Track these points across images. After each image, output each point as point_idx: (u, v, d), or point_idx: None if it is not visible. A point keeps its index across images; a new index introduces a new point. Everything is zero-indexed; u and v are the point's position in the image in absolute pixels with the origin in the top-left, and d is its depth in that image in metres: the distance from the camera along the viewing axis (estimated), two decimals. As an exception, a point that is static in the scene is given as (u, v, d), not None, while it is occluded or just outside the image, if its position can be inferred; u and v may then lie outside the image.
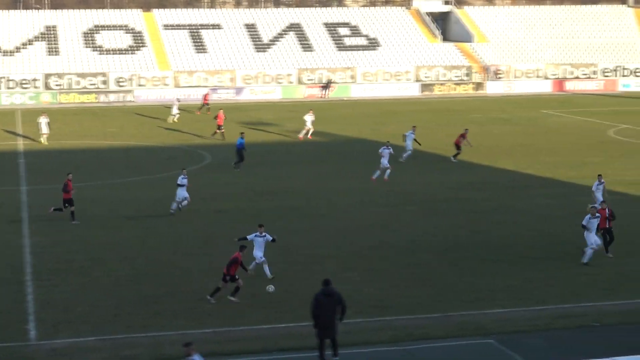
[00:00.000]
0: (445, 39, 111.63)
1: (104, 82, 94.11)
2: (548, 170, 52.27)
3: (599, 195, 41.18)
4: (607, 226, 34.46)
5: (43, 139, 63.81)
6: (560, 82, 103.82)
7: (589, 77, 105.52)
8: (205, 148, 61.39)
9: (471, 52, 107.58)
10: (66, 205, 40.47)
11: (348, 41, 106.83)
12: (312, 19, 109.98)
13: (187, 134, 68.02)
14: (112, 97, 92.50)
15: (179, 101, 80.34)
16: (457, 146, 56.35)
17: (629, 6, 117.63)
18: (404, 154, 55.58)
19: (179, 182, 41.74)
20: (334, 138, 66.62)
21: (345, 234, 37.90)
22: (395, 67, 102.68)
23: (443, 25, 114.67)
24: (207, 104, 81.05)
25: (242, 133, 56.29)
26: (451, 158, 55.87)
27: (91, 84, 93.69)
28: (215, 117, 66.27)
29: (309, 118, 65.44)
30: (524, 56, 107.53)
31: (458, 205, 43.11)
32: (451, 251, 34.74)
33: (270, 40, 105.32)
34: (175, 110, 76.17)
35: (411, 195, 45.88)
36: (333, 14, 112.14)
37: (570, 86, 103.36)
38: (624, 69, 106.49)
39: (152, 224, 40.09)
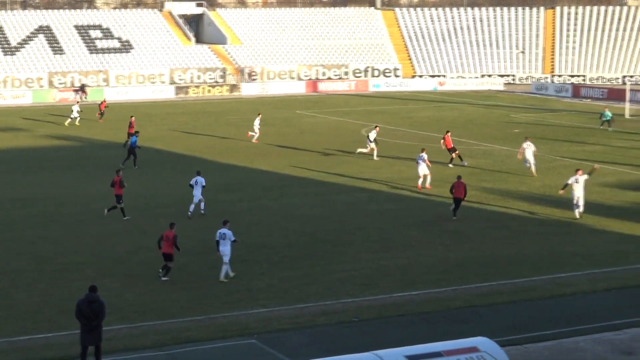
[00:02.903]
0: (199, 41, 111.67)
1: None
2: (304, 170, 52.96)
3: (529, 155, 50.77)
4: (462, 196, 40.08)
5: None
6: (313, 82, 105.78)
7: (341, 78, 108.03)
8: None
9: (225, 54, 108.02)
10: (121, 202, 40.65)
11: (100, 44, 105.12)
12: (62, 21, 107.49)
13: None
14: None
15: (79, 103, 78.91)
16: (451, 149, 54.20)
17: (376, 8, 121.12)
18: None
19: (202, 184, 41.32)
20: (89, 143, 65.26)
21: (102, 240, 37.13)
22: (149, 69, 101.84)
23: (196, 27, 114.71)
24: (103, 112, 78.06)
25: (136, 132, 56.19)
26: (463, 163, 53.70)
27: None
28: (129, 125, 62.93)
29: (257, 122, 64.35)
30: (277, 58, 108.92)
31: (210, 206, 42.83)
32: (209, 253, 34.49)
33: (19, 44, 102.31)
34: (75, 114, 74.22)
35: (167, 199, 45.40)
36: (84, 16, 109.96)
37: (323, 87, 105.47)
38: (374, 69, 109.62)
39: None
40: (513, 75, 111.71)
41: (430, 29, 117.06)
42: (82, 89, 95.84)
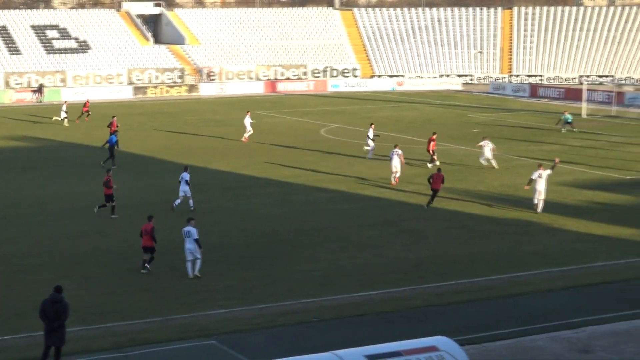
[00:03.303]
0: (157, 41, 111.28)
1: None
2: (264, 170, 52.88)
3: (488, 152, 53.06)
4: (438, 187, 42.29)
5: None
6: (272, 83, 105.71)
7: (300, 78, 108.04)
8: None
9: (183, 54, 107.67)
10: (109, 201, 41.34)
11: (57, 44, 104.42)
12: (19, 21, 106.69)
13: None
14: None
15: (66, 103, 78.35)
16: (431, 152, 54.21)
17: (335, 9, 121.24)
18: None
19: (185, 179, 42.46)
20: (46, 143, 64.79)
21: (59, 241, 36.84)
22: (106, 70, 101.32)
23: (154, 27, 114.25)
24: (88, 111, 77.19)
25: (115, 131, 57.30)
26: (428, 164, 53.65)
27: None
28: (109, 125, 62.30)
29: (247, 121, 65.10)
30: (235, 58, 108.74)
31: (168, 207, 42.65)
32: (169, 254, 34.38)
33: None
34: (63, 114, 74.14)
35: (125, 200, 45.09)
36: (40, 16, 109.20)
37: (282, 87, 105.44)
38: (332, 69, 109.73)
39: None
40: (471, 75, 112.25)
41: (388, 29, 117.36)
42: (39, 89, 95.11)
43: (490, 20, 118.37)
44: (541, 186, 41.45)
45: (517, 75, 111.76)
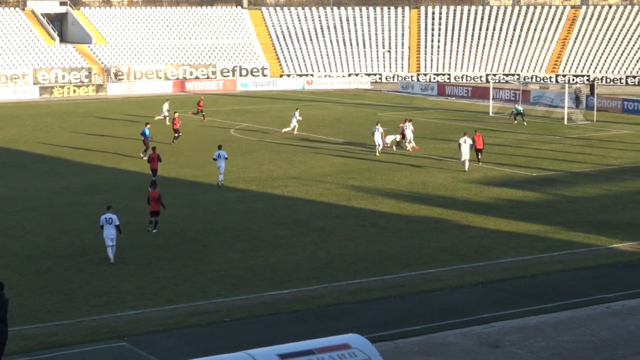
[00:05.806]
0: (63, 40, 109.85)
1: None
2: (173, 170, 52.53)
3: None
4: (481, 147, 53.72)
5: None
6: (181, 82, 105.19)
7: (209, 78, 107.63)
8: None
9: (90, 53, 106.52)
10: (155, 175, 46.13)
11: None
12: None
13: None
14: None
15: (168, 101, 77.67)
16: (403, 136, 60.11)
17: (243, 8, 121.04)
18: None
19: (224, 156, 47.05)
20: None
21: (-34, 244, 36.16)
22: (11, 69, 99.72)
23: (60, 26, 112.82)
24: (202, 110, 75.35)
25: (147, 124, 58.05)
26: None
27: None
28: (173, 121, 63.88)
29: (296, 115, 67.19)
30: (143, 57, 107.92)
31: (82, 208, 42.23)
32: (77, 256, 33.99)
33: None
34: (165, 112, 74.02)
35: (32, 201, 44.48)
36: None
37: (191, 86, 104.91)
38: (241, 68, 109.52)
39: None
40: (380, 74, 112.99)
41: (297, 28, 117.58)
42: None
43: (398, 20, 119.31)
44: (466, 150, 50.90)
45: (425, 74, 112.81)
